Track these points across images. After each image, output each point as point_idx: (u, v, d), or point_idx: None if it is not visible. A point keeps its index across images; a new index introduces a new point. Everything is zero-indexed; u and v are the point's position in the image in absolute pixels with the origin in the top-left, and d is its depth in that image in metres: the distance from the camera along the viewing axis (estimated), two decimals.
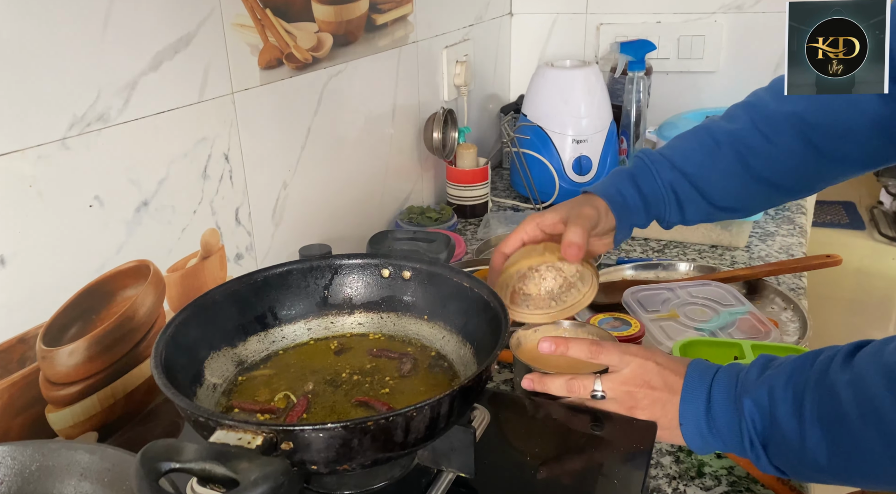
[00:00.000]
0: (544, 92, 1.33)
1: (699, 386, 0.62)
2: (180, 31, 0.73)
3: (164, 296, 0.76)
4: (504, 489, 0.59)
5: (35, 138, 0.60)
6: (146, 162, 0.71)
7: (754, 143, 0.78)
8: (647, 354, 0.65)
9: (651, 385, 0.63)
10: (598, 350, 0.66)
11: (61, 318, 0.65)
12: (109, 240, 0.69)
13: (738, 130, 0.79)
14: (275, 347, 0.66)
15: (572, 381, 0.66)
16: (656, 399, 0.63)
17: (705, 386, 0.61)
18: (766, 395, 0.56)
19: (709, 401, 0.60)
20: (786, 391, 0.55)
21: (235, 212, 0.85)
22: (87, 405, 0.69)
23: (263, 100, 0.87)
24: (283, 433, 0.44)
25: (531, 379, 0.68)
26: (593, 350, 0.66)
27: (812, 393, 0.54)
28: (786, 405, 0.55)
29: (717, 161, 0.79)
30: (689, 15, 1.49)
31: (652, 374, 0.63)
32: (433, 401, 0.48)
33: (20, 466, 0.49)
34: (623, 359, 0.65)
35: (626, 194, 0.80)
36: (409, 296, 0.69)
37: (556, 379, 0.67)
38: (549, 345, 0.67)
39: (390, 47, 1.14)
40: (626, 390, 0.64)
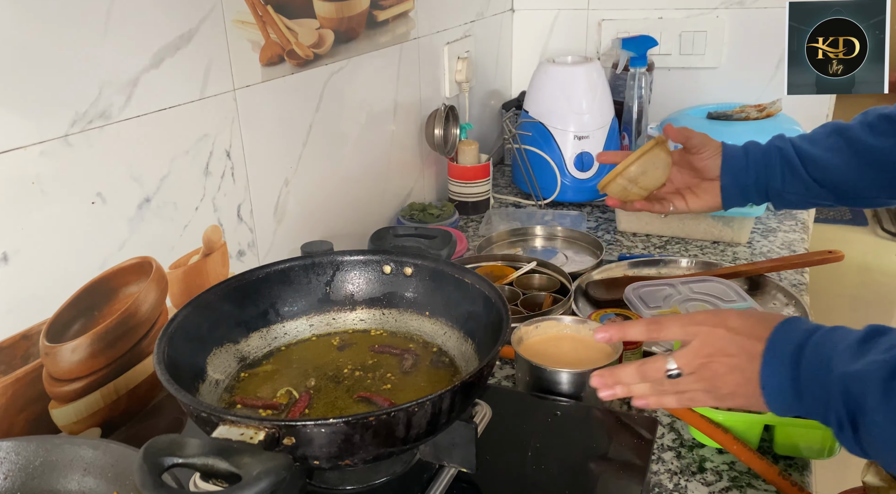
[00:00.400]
0: (546, 88, 1.32)
1: (785, 356, 0.54)
2: (182, 28, 0.73)
3: (166, 293, 0.76)
4: (505, 484, 0.59)
5: (38, 135, 0.60)
6: (148, 159, 0.72)
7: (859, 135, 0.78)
8: (716, 320, 0.58)
9: (726, 352, 0.56)
10: (657, 327, 0.60)
11: (64, 315, 0.65)
12: (112, 237, 0.69)
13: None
14: (277, 343, 0.67)
15: (644, 366, 0.59)
16: (734, 366, 0.56)
17: (791, 357, 0.53)
18: (860, 385, 0.49)
19: (795, 375, 0.53)
20: (885, 393, 0.47)
21: (237, 208, 0.85)
22: (90, 401, 0.69)
23: (265, 97, 0.87)
24: (286, 428, 0.45)
25: (601, 376, 0.61)
26: (652, 328, 0.60)
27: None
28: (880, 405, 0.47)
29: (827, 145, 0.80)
30: (691, 11, 1.48)
31: (724, 342, 0.56)
32: (435, 397, 0.48)
33: (24, 461, 0.50)
34: (688, 331, 0.58)
35: (736, 148, 0.84)
36: (411, 293, 0.70)
37: (626, 368, 0.60)
38: (605, 334, 0.62)
39: (391, 44, 1.14)
40: (700, 362, 0.57)
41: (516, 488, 0.59)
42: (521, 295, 0.95)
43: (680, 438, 0.73)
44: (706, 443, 0.71)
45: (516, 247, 1.18)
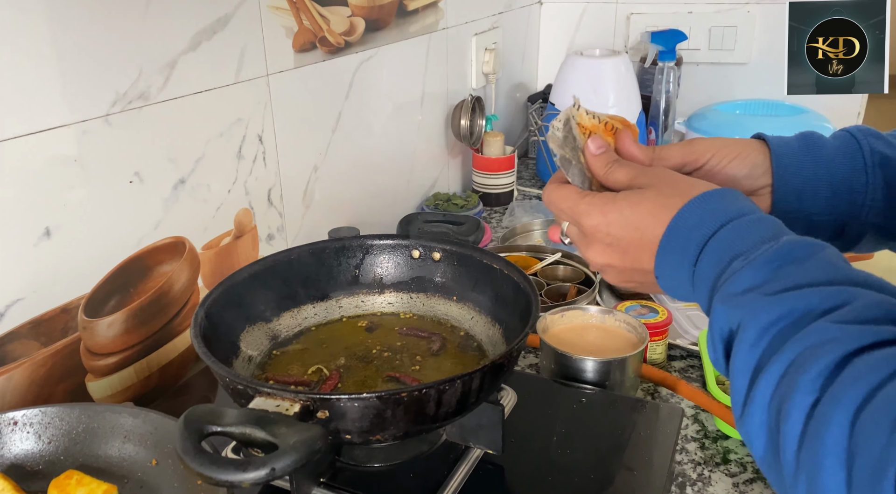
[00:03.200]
0: (573, 81, 1.32)
1: (680, 252, 0.43)
2: (219, 12, 0.74)
3: (198, 273, 0.78)
4: (530, 468, 0.60)
5: (80, 114, 0.62)
6: (184, 140, 0.73)
7: None
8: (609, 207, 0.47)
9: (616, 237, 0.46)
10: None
11: (101, 290, 0.67)
12: (148, 216, 0.70)
13: None
14: (307, 323, 0.68)
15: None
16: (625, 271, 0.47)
17: (688, 252, 0.42)
18: (737, 323, 0.38)
19: (691, 274, 0.42)
20: (761, 337, 0.36)
21: (268, 192, 0.86)
22: (123, 376, 0.71)
23: (297, 84, 0.88)
24: (320, 401, 0.46)
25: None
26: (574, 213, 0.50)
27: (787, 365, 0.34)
28: (748, 354, 0.36)
29: None
30: (722, 5, 1.47)
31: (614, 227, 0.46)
32: (465, 376, 0.49)
33: (68, 427, 0.51)
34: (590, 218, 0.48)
35: (809, 158, 0.53)
36: (439, 277, 0.70)
37: None
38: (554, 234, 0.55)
39: (420, 33, 1.14)
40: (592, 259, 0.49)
41: (541, 471, 0.59)
42: (545, 286, 0.95)
43: (704, 429, 0.73)
44: (731, 435, 0.71)
45: (539, 239, 1.18)
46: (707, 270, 0.41)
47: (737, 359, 0.37)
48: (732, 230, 0.41)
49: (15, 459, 0.51)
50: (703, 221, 0.42)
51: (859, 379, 0.30)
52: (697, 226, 0.42)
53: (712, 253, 0.41)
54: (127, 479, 0.51)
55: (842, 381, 0.31)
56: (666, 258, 0.44)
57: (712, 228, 0.41)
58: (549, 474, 0.59)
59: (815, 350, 0.32)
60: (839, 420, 0.30)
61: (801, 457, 0.31)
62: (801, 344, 0.33)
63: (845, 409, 0.30)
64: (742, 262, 0.39)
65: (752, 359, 0.36)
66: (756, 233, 0.40)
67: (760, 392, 0.34)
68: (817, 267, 0.37)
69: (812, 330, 0.34)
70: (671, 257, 0.44)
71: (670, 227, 0.43)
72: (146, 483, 0.50)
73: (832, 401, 0.30)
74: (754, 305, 0.37)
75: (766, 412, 0.34)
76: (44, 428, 0.51)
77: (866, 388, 0.30)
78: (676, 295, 0.45)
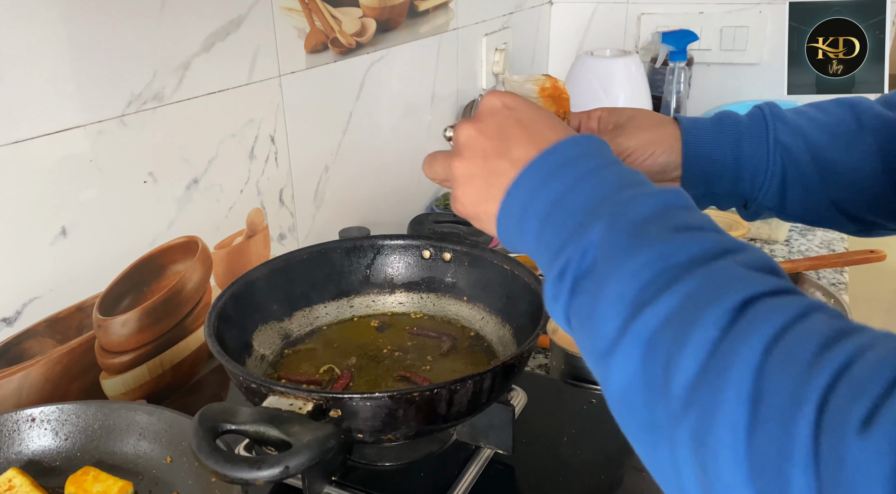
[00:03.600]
0: (584, 81, 1.32)
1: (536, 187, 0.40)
2: (232, 14, 0.75)
3: (210, 272, 0.78)
4: (540, 468, 0.60)
5: (96, 115, 0.62)
6: (197, 140, 0.74)
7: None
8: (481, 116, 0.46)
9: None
10: (428, 160, 0.52)
11: (116, 289, 0.67)
12: (161, 216, 0.71)
13: (894, 119, 0.56)
14: (318, 323, 0.68)
15: None
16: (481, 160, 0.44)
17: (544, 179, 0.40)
18: (618, 252, 0.35)
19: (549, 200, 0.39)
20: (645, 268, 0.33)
21: (279, 192, 0.87)
22: (137, 374, 0.72)
23: (308, 84, 0.88)
24: (333, 400, 0.46)
25: None
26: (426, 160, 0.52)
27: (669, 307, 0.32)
28: (627, 283, 0.33)
29: (852, 147, 0.56)
30: (733, 5, 1.46)
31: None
32: (476, 376, 0.49)
33: (84, 424, 0.52)
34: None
35: (718, 145, 0.57)
36: (450, 278, 0.71)
37: None
38: None
39: (431, 34, 1.15)
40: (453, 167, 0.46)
41: (551, 471, 0.59)
42: None
43: None
44: None
45: None
46: (589, 191, 0.38)
47: (612, 286, 0.34)
48: (620, 166, 0.40)
49: (33, 455, 0.52)
50: (592, 153, 0.40)
51: (767, 318, 0.29)
52: (584, 155, 0.40)
53: (597, 181, 0.39)
54: (142, 476, 0.51)
55: (750, 319, 0.29)
56: (533, 173, 0.41)
57: (602, 160, 0.40)
58: (560, 474, 0.59)
59: (719, 287, 0.31)
60: (746, 357, 0.28)
61: (694, 391, 0.29)
62: (701, 280, 0.32)
63: (752, 347, 0.28)
64: (633, 192, 0.37)
65: (631, 289, 0.33)
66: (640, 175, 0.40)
67: (644, 323, 0.32)
68: (703, 217, 0.37)
69: (715, 268, 0.32)
70: (536, 175, 0.40)
71: (559, 144, 0.41)
72: (161, 480, 0.51)
73: (740, 337, 0.29)
74: (647, 235, 0.34)
75: (647, 345, 0.32)
76: (61, 425, 0.52)
77: (776, 326, 0.28)
78: (508, 223, 0.42)
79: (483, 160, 0.44)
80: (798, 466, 0.25)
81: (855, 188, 0.56)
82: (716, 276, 0.32)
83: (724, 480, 0.27)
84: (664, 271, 0.33)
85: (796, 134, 0.56)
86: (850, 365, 0.26)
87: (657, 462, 0.32)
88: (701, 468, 0.28)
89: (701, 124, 0.58)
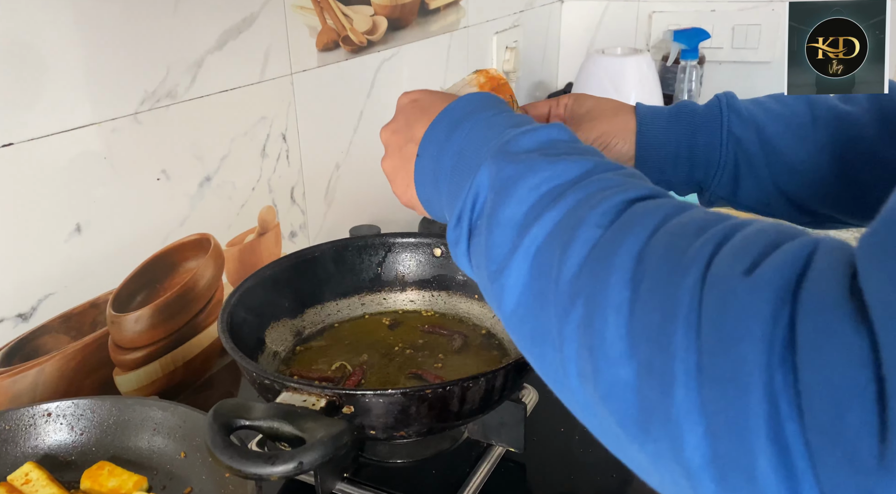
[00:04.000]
0: (594, 79, 1.32)
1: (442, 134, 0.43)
2: (245, 12, 0.75)
3: (222, 270, 0.79)
4: (552, 465, 0.60)
5: (110, 112, 0.63)
6: (210, 138, 0.74)
7: (864, 134, 0.55)
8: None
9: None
10: None
11: (129, 286, 0.68)
12: (174, 213, 0.71)
13: (849, 113, 0.57)
14: (330, 320, 0.68)
15: None
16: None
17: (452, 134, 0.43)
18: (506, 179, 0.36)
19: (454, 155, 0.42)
20: (533, 190, 0.35)
21: (291, 190, 0.87)
22: (149, 370, 0.72)
23: (320, 82, 0.88)
24: (346, 397, 0.46)
25: None
26: None
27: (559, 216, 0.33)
28: (516, 206, 0.35)
29: (805, 139, 0.57)
30: (746, 3, 1.45)
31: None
32: (489, 374, 0.49)
33: (100, 419, 0.52)
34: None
35: (673, 134, 0.59)
36: (461, 276, 0.70)
37: None
38: None
39: (441, 32, 1.14)
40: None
41: (563, 469, 0.59)
42: None
43: None
44: None
45: None
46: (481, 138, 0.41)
47: (502, 213, 0.35)
48: (511, 113, 0.43)
49: (49, 449, 0.52)
50: (485, 105, 0.43)
51: (647, 212, 0.30)
52: (476, 109, 0.43)
53: (487, 127, 0.41)
54: (156, 471, 0.52)
55: (630, 214, 0.31)
56: (437, 126, 0.44)
57: (495, 111, 0.43)
58: (571, 472, 0.59)
59: (600, 192, 0.33)
60: (629, 245, 0.29)
61: (579, 281, 0.30)
62: (583, 191, 0.33)
63: (636, 235, 0.29)
64: (517, 130, 0.39)
65: (519, 212, 0.34)
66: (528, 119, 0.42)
67: (531, 238, 0.33)
68: (587, 147, 0.39)
69: (595, 180, 0.34)
70: (436, 138, 0.43)
71: (453, 104, 0.44)
72: (175, 476, 0.51)
73: (622, 229, 0.30)
74: (531, 162, 0.36)
75: (534, 257, 0.33)
76: (76, 420, 0.53)
77: (657, 218, 0.29)
78: (426, 193, 0.45)
79: (398, 151, 0.48)
80: (680, 323, 0.25)
81: (806, 180, 0.57)
82: (596, 185, 0.33)
83: (610, 356, 0.27)
84: (550, 191, 0.34)
85: (749, 125, 0.58)
86: (730, 237, 0.27)
87: (546, 366, 0.33)
88: (588, 350, 0.29)
89: (658, 114, 0.61)
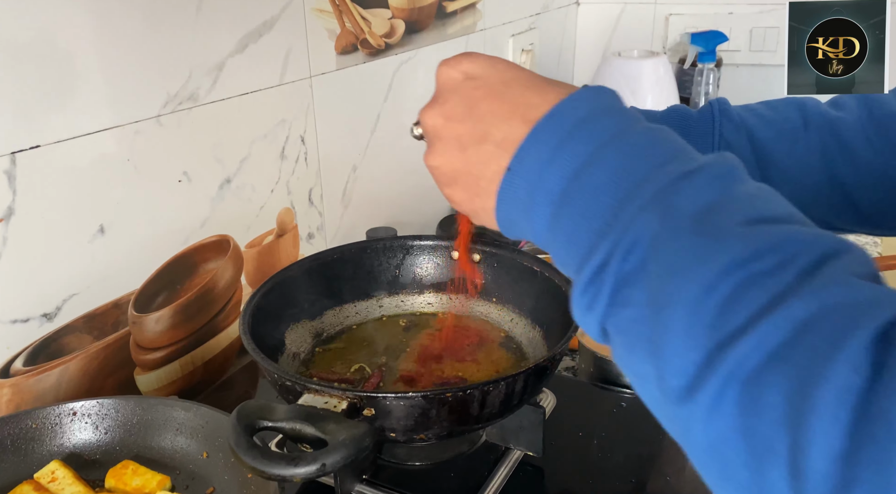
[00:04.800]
0: (611, 82, 1.31)
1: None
2: (265, 15, 0.76)
3: (241, 271, 0.79)
4: (570, 470, 0.60)
5: (134, 115, 0.64)
6: (230, 141, 0.75)
7: (855, 140, 0.56)
8: None
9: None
10: None
11: (150, 286, 0.69)
12: (195, 214, 0.72)
13: (838, 119, 0.57)
14: (348, 322, 0.69)
15: None
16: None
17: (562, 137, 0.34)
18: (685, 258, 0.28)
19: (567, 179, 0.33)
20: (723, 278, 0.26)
21: (309, 192, 0.88)
22: (169, 370, 0.73)
23: (338, 85, 0.89)
24: (367, 399, 0.46)
25: None
26: None
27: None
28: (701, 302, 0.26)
29: (796, 144, 0.57)
30: (763, 6, 1.44)
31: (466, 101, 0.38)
32: (509, 377, 0.49)
33: (123, 418, 0.53)
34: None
35: None
36: (479, 278, 0.70)
37: None
38: None
39: (458, 35, 1.15)
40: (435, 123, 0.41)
41: (581, 474, 0.59)
42: None
43: None
44: None
45: None
46: (615, 165, 0.31)
47: (675, 306, 0.26)
48: (643, 124, 0.33)
49: (74, 448, 0.53)
50: (605, 109, 0.34)
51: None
52: (595, 115, 0.33)
53: (623, 150, 0.32)
54: (179, 471, 0.52)
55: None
56: (540, 135, 0.33)
57: (621, 119, 0.33)
58: (589, 477, 0.59)
59: (840, 313, 0.24)
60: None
61: (856, 468, 0.22)
62: (808, 300, 0.24)
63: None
64: (678, 167, 0.30)
65: (709, 310, 0.25)
66: (672, 134, 0.34)
67: (739, 361, 0.24)
68: (780, 200, 0.29)
69: (821, 282, 0.24)
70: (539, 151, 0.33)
71: (560, 107, 0.34)
72: (197, 476, 0.52)
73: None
74: (714, 233, 0.26)
75: (746, 390, 0.24)
76: (101, 419, 0.53)
77: None
78: (513, 214, 0.36)
79: (461, 151, 0.38)
80: None
81: (797, 185, 0.56)
82: (827, 295, 0.24)
83: None
84: (749, 284, 0.25)
85: (740, 130, 0.57)
86: None
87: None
88: None
89: (650, 117, 0.57)
